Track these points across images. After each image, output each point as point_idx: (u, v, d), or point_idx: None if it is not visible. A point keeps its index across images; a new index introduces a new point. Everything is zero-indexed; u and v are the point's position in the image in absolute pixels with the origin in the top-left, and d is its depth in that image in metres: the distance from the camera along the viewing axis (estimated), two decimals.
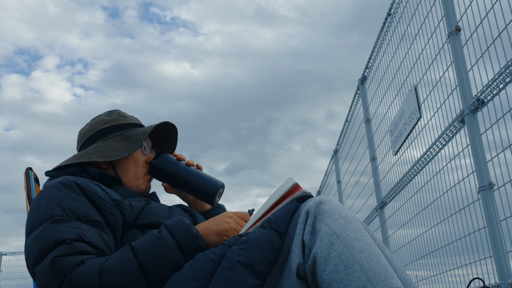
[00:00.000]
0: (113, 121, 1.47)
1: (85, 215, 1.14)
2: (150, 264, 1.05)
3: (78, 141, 1.50)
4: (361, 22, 15.97)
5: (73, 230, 1.08)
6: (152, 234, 1.11)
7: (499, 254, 2.29)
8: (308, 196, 1.17)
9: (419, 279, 3.54)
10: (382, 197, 4.32)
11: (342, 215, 1.10)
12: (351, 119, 5.65)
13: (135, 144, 1.41)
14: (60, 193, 1.17)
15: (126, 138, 1.44)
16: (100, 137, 1.45)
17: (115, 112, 1.51)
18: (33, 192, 1.36)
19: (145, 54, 15.70)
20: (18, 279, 8.86)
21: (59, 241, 1.05)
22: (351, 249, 1.03)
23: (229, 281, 0.98)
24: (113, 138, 1.44)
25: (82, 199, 1.18)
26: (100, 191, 1.22)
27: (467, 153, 2.58)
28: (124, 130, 1.46)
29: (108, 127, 1.46)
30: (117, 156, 1.38)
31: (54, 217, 1.11)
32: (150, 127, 1.46)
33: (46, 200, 1.16)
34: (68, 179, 1.22)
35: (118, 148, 1.40)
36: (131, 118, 1.52)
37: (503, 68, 2.17)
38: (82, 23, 15.08)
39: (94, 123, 1.48)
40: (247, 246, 1.04)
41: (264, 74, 15.73)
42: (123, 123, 1.48)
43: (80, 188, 1.20)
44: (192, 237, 1.12)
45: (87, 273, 1.01)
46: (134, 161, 1.45)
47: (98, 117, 1.50)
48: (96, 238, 1.10)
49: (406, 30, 3.52)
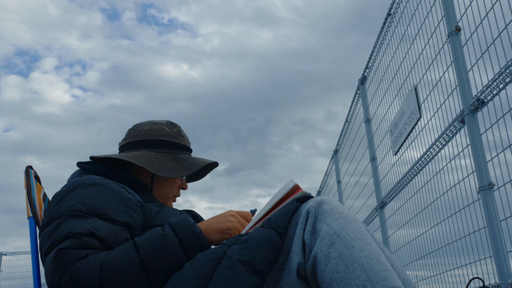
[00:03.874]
0: (173, 137, 1.51)
1: (104, 213, 1.15)
2: (151, 260, 1.05)
3: (130, 135, 1.52)
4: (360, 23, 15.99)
5: (86, 225, 1.10)
6: (155, 231, 1.12)
7: (499, 254, 2.29)
8: (308, 197, 1.18)
9: (419, 279, 3.54)
10: (382, 197, 4.32)
11: (342, 215, 1.10)
12: (351, 119, 5.65)
13: (185, 171, 1.46)
14: (84, 191, 1.20)
15: (177, 160, 1.48)
16: (154, 146, 1.48)
17: (176, 127, 1.55)
18: (33, 191, 1.36)
19: (143, 56, 15.72)
20: (18, 279, 8.87)
21: (70, 234, 1.07)
22: (351, 248, 1.03)
23: (229, 280, 0.99)
24: (166, 154, 1.48)
25: (106, 199, 1.19)
26: (126, 193, 1.25)
27: (467, 153, 2.58)
28: (177, 151, 1.51)
29: (166, 142, 1.50)
30: (165, 174, 1.41)
31: (73, 212, 1.13)
32: (202, 162, 1.51)
33: (70, 196, 1.19)
34: (95, 179, 1.25)
35: (168, 166, 1.44)
36: (186, 140, 1.56)
37: (503, 68, 2.17)
38: (81, 25, 15.10)
39: (155, 130, 1.50)
40: (247, 245, 1.04)
41: (263, 75, 15.74)
42: (180, 143, 1.52)
43: (107, 188, 1.22)
44: (194, 235, 1.13)
45: (89, 266, 1.02)
46: (172, 183, 1.51)
47: (160, 124, 1.52)
48: (109, 234, 1.11)
49: (406, 30, 3.52)
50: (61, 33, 15.39)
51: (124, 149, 1.51)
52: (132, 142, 1.49)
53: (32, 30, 15.26)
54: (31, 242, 1.31)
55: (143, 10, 16.25)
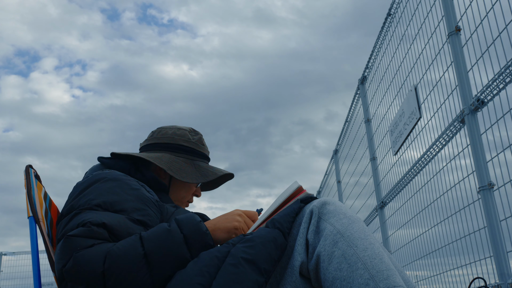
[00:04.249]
0: (194, 144, 1.57)
1: (122, 209, 1.17)
2: (155, 254, 1.06)
3: (153, 137, 1.56)
4: (360, 23, 15.99)
5: (99, 216, 1.12)
6: (162, 226, 1.13)
7: (499, 254, 2.29)
8: (311, 198, 1.20)
9: (419, 279, 3.54)
10: (382, 197, 4.32)
11: (346, 215, 1.11)
12: (351, 119, 5.65)
13: (202, 178, 1.50)
14: (104, 186, 1.22)
15: (196, 166, 1.53)
16: (175, 150, 1.53)
17: (198, 135, 1.61)
18: (33, 190, 1.36)
19: (143, 56, 15.73)
20: (18, 279, 8.87)
21: (82, 223, 1.09)
22: (354, 247, 1.04)
23: (234, 277, 0.99)
24: (185, 159, 1.53)
25: (125, 195, 1.21)
26: (145, 191, 1.27)
27: (467, 153, 2.58)
28: (197, 158, 1.56)
29: (187, 148, 1.55)
30: (183, 178, 1.46)
31: (91, 206, 1.15)
32: (220, 172, 1.56)
33: (91, 189, 1.21)
34: (117, 174, 1.27)
35: (186, 171, 1.49)
36: (206, 149, 1.63)
37: (503, 68, 2.17)
38: (81, 25, 15.10)
39: (179, 135, 1.55)
40: (252, 244, 1.05)
41: (263, 75, 15.75)
42: (200, 151, 1.58)
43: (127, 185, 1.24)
44: (200, 233, 1.13)
45: (92, 255, 1.03)
46: (188, 188, 1.57)
47: (184, 130, 1.58)
48: (120, 227, 1.12)
49: (406, 30, 3.52)
50: (61, 33, 15.40)
51: (145, 149, 1.55)
52: (155, 144, 1.54)
53: (32, 30, 15.27)
54: (31, 242, 1.31)
55: (143, 10, 16.27)
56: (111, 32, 15.64)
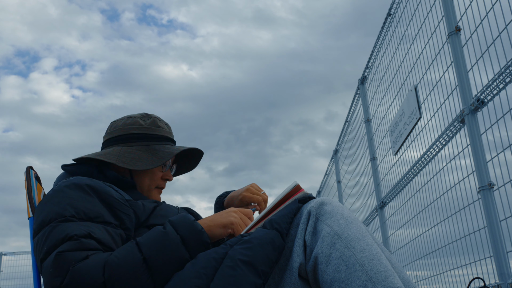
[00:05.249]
0: (147, 129, 1.46)
1: (97, 215, 1.14)
2: (154, 259, 1.05)
3: (106, 133, 1.50)
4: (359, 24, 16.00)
5: (82, 228, 1.09)
6: (157, 230, 1.11)
7: (499, 254, 2.29)
8: (310, 198, 1.19)
9: (419, 279, 3.54)
10: (382, 197, 4.32)
11: (343, 215, 1.10)
12: (351, 119, 5.65)
13: (158, 161, 1.41)
14: (73, 193, 1.17)
15: (152, 151, 1.43)
16: (128, 141, 1.45)
17: (151, 118, 1.50)
18: (33, 191, 1.36)
19: (143, 56, 15.74)
20: (18, 279, 8.87)
21: (67, 237, 1.06)
22: (352, 249, 1.03)
23: (231, 280, 0.99)
24: (139, 146, 1.44)
25: (95, 200, 1.18)
26: (114, 192, 1.23)
27: (467, 153, 2.58)
28: (153, 142, 1.46)
29: (139, 134, 1.45)
30: (137, 167, 1.38)
31: (65, 217, 1.11)
32: (177, 150, 1.46)
33: (59, 199, 1.16)
34: (82, 180, 1.22)
35: (141, 158, 1.40)
36: (164, 130, 1.50)
37: (503, 68, 2.17)
38: (81, 26, 15.11)
39: (128, 124, 1.47)
40: (249, 245, 1.04)
41: (263, 76, 15.75)
42: (155, 134, 1.47)
43: (94, 190, 1.20)
44: (196, 232, 1.13)
45: (90, 266, 1.01)
46: (152, 174, 1.46)
47: (134, 118, 1.49)
48: (105, 236, 1.11)
49: (406, 30, 3.52)
50: (61, 33, 15.41)
51: (102, 148, 1.49)
52: (108, 140, 1.47)
53: (32, 31, 15.28)
54: (31, 242, 1.31)
55: (142, 11, 16.27)
56: (111, 33, 15.66)
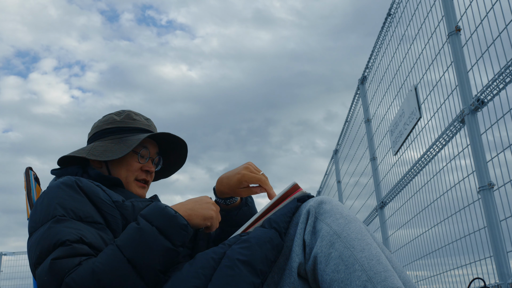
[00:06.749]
0: (120, 122, 1.45)
1: (86, 215, 1.14)
2: (138, 257, 1.04)
3: (88, 135, 1.52)
4: (359, 24, 16.00)
5: (73, 231, 1.08)
6: (132, 227, 1.10)
7: (499, 254, 2.29)
8: (308, 197, 1.18)
9: (419, 279, 3.54)
10: (382, 197, 4.32)
11: (343, 215, 1.10)
12: (351, 119, 5.65)
13: (127, 148, 1.38)
14: (62, 193, 1.17)
15: (124, 142, 1.41)
16: (102, 136, 1.45)
17: (125, 113, 1.49)
18: (33, 192, 1.36)
19: (142, 57, 15.75)
20: (18, 279, 8.87)
21: (59, 242, 1.05)
22: (351, 248, 1.03)
23: (230, 279, 0.98)
24: (112, 139, 1.42)
25: (84, 199, 1.17)
26: (101, 192, 1.22)
27: (467, 153, 2.58)
28: (126, 134, 1.44)
29: (112, 128, 1.45)
30: (106, 157, 1.36)
31: (55, 217, 1.10)
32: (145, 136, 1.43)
33: (48, 200, 1.16)
34: (70, 179, 1.21)
35: (112, 150, 1.39)
36: (140, 122, 1.48)
37: (503, 68, 2.17)
38: (80, 26, 15.12)
39: (103, 121, 1.48)
40: (248, 245, 1.04)
41: (262, 76, 15.76)
42: (129, 126, 1.46)
43: (81, 189, 1.19)
44: (170, 218, 1.11)
45: (82, 275, 1.00)
46: (127, 165, 1.42)
47: (109, 115, 1.50)
48: (96, 239, 1.10)
49: (406, 30, 3.52)
50: (61, 34, 15.42)
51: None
52: (88, 140, 1.50)
53: (32, 31, 15.29)
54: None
55: (142, 12, 16.28)
56: (110, 33, 15.67)
